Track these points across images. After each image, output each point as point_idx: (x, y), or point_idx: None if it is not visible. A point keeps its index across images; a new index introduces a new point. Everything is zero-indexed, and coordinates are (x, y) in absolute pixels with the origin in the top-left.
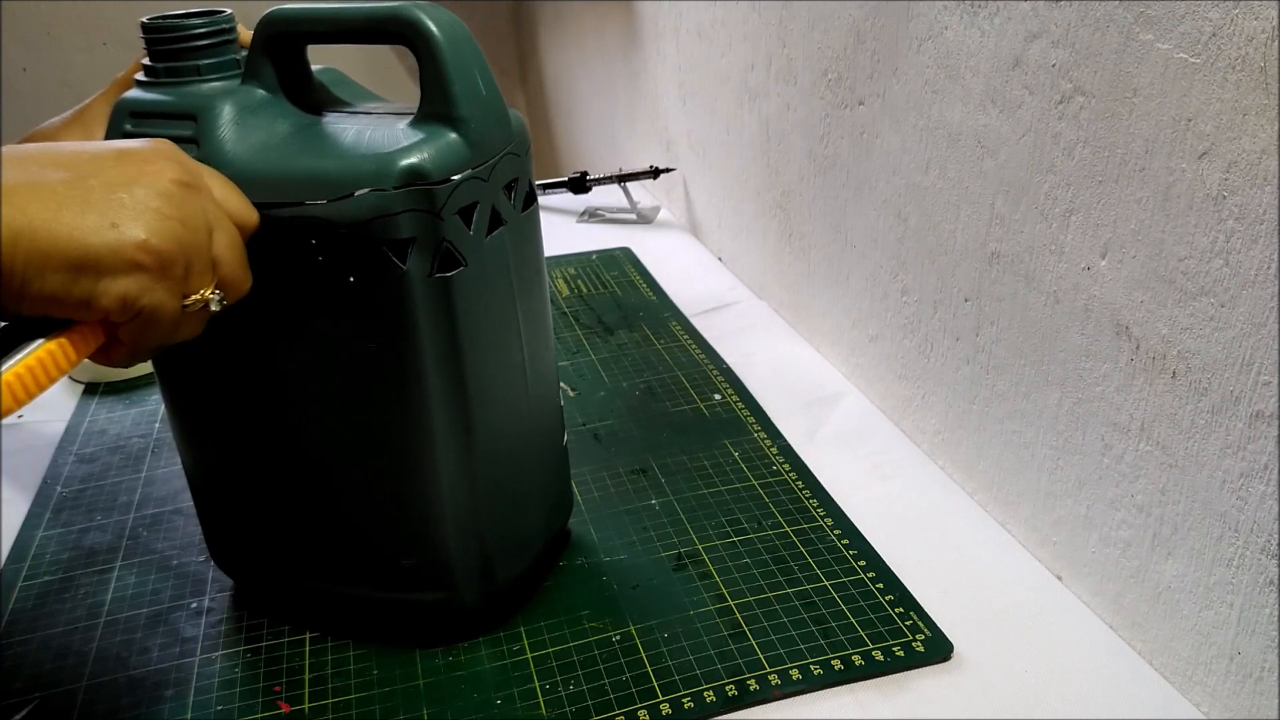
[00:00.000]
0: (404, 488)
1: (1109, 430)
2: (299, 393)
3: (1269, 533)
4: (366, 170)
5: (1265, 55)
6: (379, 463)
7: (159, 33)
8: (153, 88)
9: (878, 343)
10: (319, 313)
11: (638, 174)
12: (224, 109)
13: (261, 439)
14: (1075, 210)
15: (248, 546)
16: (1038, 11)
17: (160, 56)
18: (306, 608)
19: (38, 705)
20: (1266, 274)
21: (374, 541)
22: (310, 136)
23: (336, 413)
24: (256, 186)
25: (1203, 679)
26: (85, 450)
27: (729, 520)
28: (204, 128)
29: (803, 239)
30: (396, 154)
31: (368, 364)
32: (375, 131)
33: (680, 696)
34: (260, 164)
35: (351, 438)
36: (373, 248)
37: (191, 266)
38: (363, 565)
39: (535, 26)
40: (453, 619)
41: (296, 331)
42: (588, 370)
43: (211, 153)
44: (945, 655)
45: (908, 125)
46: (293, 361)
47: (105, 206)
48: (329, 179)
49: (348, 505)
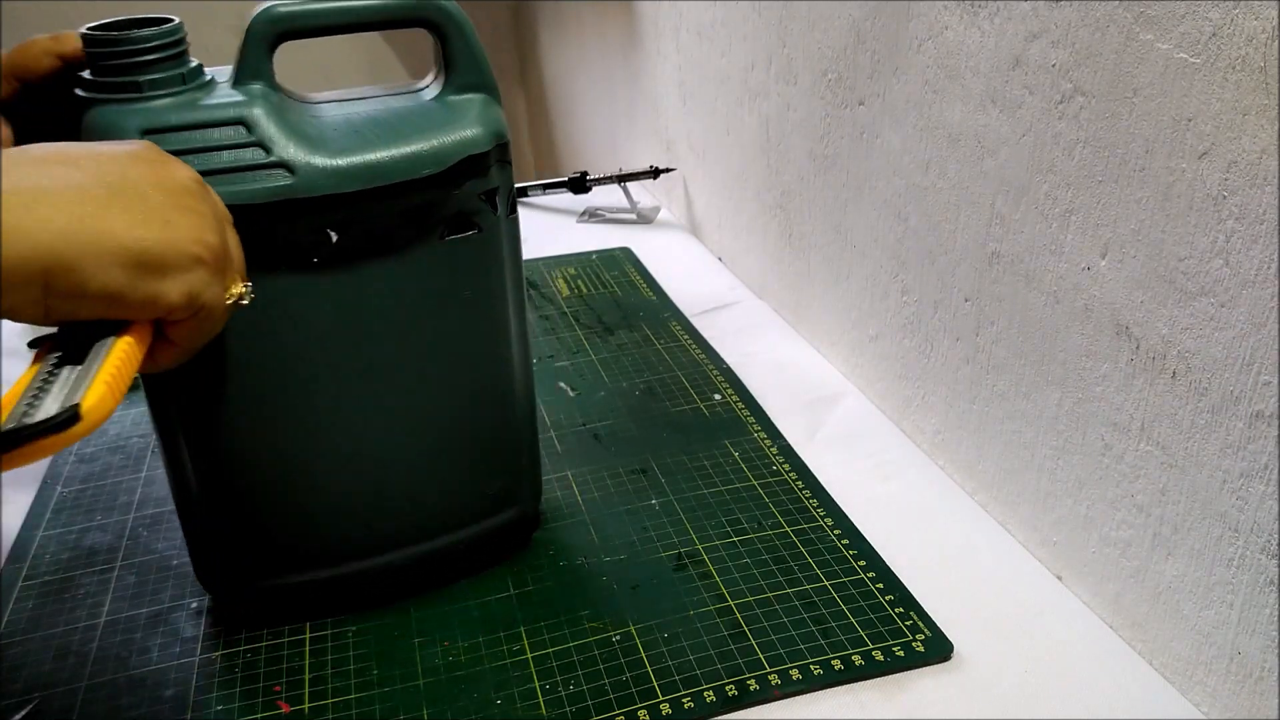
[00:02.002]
0: (489, 418)
1: (1109, 430)
2: (387, 359)
3: (1269, 533)
4: (466, 138)
5: (1265, 55)
6: (466, 403)
7: (105, 45)
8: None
9: (878, 343)
10: (408, 279)
11: (638, 174)
12: (262, 111)
13: (335, 424)
14: (1075, 210)
15: (269, 551)
16: (1038, 11)
17: (111, 70)
18: (335, 599)
19: (38, 705)
20: (1266, 274)
21: (460, 479)
22: (364, 124)
23: (427, 368)
24: (356, 175)
25: (1203, 679)
26: (85, 450)
27: (729, 520)
28: (261, 131)
29: (803, 239)
30: (479, 120)
31: (457, 312)
32: (420, 107)
33: (680, 696)
34: (351, 152)
35: (443, 388)
36: (471, 202)
37: (231, 261)
38: (442, 511)
39: (535, 26)
40: (518, 534)
41: (385, 302)
42: (588, 370)
43: (289, 153)
44: (945, 655)
45: (908, 125)
46: (381, 332)
47: (146, 205)
48: (432, 153)
49: (438, 453)
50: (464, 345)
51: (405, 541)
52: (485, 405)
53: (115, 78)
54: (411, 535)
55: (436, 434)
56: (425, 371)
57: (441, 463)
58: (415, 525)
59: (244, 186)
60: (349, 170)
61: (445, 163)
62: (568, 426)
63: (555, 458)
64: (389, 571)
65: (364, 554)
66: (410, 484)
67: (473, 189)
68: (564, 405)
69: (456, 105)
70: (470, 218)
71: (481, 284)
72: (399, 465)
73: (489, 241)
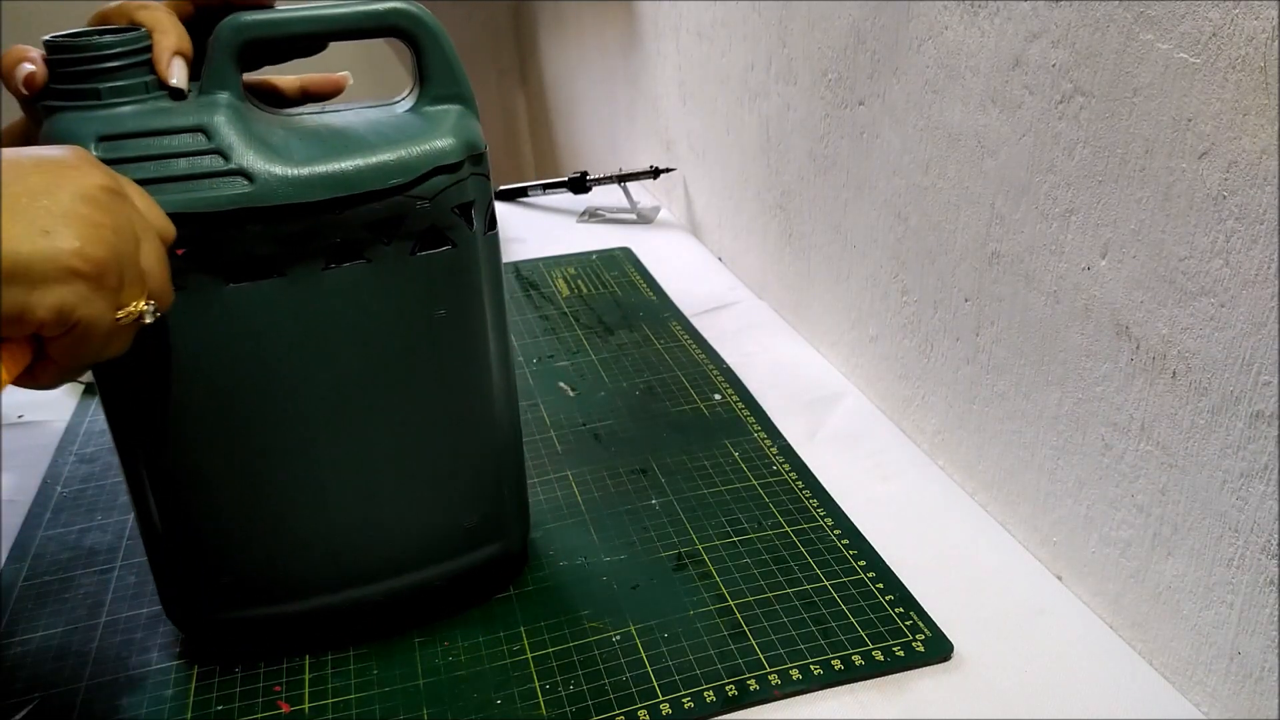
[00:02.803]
0: (467, 445)
1: (1109, 430)
2: (355, 377)
3: (1269, 533)
4: (435, 149)
5: (1265, 55)
6: (442, 428)
7: (65, 52)
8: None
9: (878, 343)
10: (378, 296)
11: (638, 174)
12: (224, 118)
13: (300, 447)
14: (1075, 210)
15: (241, 587)
16: (1038, 11)
17: (72, 78)
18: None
19: (38, 705)
20: (1266, 274)
21: (436, 510)
22: (331, 134)
23: (398, 389)
24: (319, 184)
25: (1203, 679)
26: (85, 450)
27: (729, 520)
28: (221, 139)
29: (803, 239)
30: (452, 130)
31: (431, 332)
32: (393, 119)
33: (680, 696)
34: (315, 162)
35: (416, 411)
36: (444, 216)
37: (125, 276)
38: (415, 544)
39: (535, 26)
40: (501, 572)
41: (353, 319)
42: (588, 370)
43: (248, 161)
44: (945, 655)
45: (908, 125)
46: (350, 350)
47: (32, 213)
48: (399, 163)
49: (410, 481)
50: (438, 367)
51: (375, 576)
52: (462, 431)
53: (75, 85)
54: (381, 569)
55: (408, 460)
56: (396, 393)
57: (414, 491)
58: (385, 558)
59: (200, 194)
60: (310, 180)
61: (413, 173)
62: (568, 426)
63: (555, 458)
64: (360, 608)
65: (331, 588)
66: (380, 513)
67: (445, 202)
68: (564, 405)
69: (431, 116)
70: (444, 233)
71: (457, 303)
72: (367, 492)
73: (464, 259)
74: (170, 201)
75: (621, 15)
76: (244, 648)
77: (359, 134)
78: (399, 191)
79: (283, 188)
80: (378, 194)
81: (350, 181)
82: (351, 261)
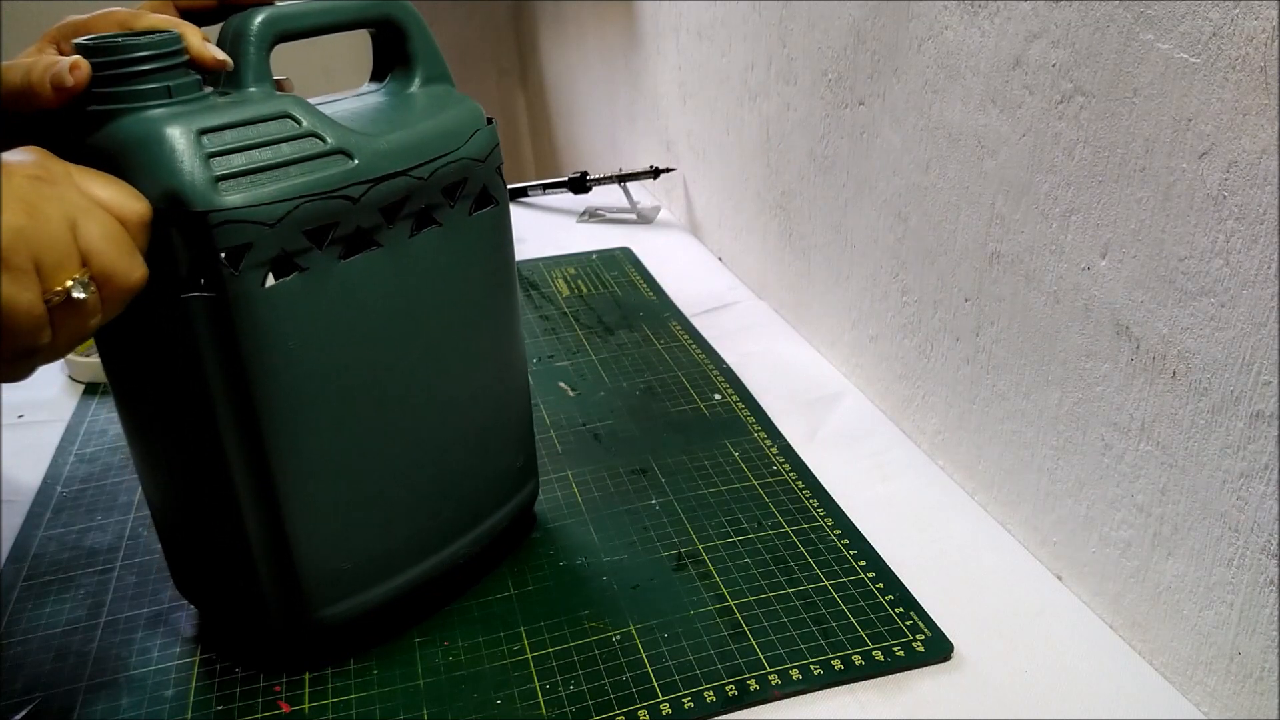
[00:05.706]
0: (513, 390)
1: (1109, 430)
2: (439, 337)
3: (1269, 533)
4: (471, 112)
5: (1265, 55)
6: (497, 375)
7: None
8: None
9: (878, 343)
10: (451, 256)
11: (638, 174)
12: (296, 105)
13: (401, 416)
14: (1075, 210)
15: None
16: (1038, 11)
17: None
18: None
19: (38, 705)
20: (1266, 274)
21: (500, 454)
22: (376, 113)
23: (470, 343)
24: (406, 153)
25: (1203, 679)
26: (85, 450)
27: (729, 520)
28: (310, 123)
29: (803, 239)
30: (464, 102)
31: (486, 285)
32: (406, 98)
33: (680, 696)
34: (390, 134)
35: (483, 362)
36: (491, 175)
37: (42, 259)
38: (487, 492)
39: (535, 26)
40: (529, 512)
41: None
42: (588, 370)
43: (341, 139)
44: (945, 655)
45: (908, 125)
46: (435, 311)
47: None
48: (455, 127)
49: (482, 430)
50: (494, 317)
51: (457, 533)
52: (511, 376)
53: (136, 85)
54: (465, 524)
55: (480, 409)
56: (470, 346)
57: (485, 438)
58: (472, 509)
59: (317, 175)
60: (398, 150)
61: (464, 136)
62: (568, 426)
63: (555, 458)
64: (447, 573)
65: (433, 548)
66: (464, 464)
67: (493, 161)
68: (564, 405)
69: (436, 94)
70: (489, 192)
71: (501, 257)
72: (453, 449)
73: (504, 215)
74: (293, 186)
75: (621, 15)
76: (340, 643)
77: (395, 110)
78: (462, 154)
79: (379, 160)
80: (447, 156)
81: (427, 147)
82: (429, 227)
